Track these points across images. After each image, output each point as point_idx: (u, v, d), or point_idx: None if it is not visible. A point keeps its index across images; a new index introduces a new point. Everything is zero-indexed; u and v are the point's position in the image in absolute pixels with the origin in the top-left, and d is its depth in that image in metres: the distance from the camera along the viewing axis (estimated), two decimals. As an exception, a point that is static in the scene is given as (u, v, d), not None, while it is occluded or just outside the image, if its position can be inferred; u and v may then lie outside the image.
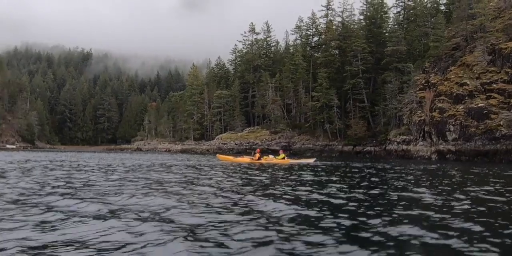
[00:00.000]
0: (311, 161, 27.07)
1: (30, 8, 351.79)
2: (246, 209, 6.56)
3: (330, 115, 62.64)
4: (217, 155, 31.40)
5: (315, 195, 8.46)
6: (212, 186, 10.03)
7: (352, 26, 66.72)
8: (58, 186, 9.54)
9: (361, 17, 67.68)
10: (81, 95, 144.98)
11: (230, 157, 28.61)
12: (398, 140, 50.41)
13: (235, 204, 7.08)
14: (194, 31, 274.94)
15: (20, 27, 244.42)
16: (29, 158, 28.55)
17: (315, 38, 75.37)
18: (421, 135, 45.68)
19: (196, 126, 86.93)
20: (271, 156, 26.44)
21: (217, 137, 78.04)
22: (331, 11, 70.34)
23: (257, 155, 25.62)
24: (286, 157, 26.25)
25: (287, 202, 7.16)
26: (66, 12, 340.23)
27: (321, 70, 64.24)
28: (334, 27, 68.83)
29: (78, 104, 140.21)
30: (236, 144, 71.55)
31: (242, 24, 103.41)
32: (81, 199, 7.28)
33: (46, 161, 23.88)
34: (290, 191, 9.22)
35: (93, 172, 14.99)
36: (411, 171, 19.40)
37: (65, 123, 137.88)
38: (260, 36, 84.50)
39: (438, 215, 6.08)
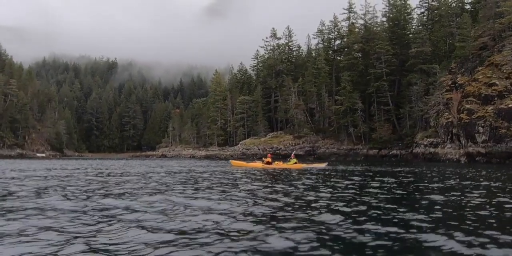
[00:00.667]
0: (323, 165, 27.16)
1: (59, 20, 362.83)
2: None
3: (354, 119, 61.99)
4: (231, 160, 31.60)
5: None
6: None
7: (375, 28, 65.97)
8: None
9: (384, 19, 66.96)
10: (107, 103, 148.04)
11: (243, 163, 28.89)
12: (425, 143, 49.39)
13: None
14: (215, 38, 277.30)
15: (48, 39, 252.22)
16: (88, 166, 29.06)
17: (337, 42, 74.98)
18: (449, 137, 44.63)
19: (219, 132, 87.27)
20: (281, 162, 26.83)
21: (240, 142, 78.10)
22: (353, 14, 69.86)
23: (269, 160, 25.85)
24: (297, 162, 26.41)
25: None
26: (92, 23, 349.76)
27: (344, 74, 63.72)
28: (356, 30, 68.22)
29: (104, 112, 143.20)
30: (260, 149, 71.42)
31: (263, 30, 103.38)
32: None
33: (102, 169, 23.98)
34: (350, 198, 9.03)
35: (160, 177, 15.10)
36: (449, 175, 18.81)
37: (92, 131, 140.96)
38: (282, 41, 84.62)
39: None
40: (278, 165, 25.76)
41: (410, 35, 63.54)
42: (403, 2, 64.21)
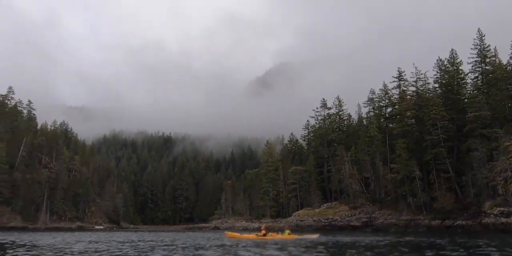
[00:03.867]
0: (315, 236, 28.62)
1: (119, 99, 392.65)
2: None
3: (413, 188, 59.27)
4: (226, 232, 32.52)
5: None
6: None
7: (427, 94, 65.47)
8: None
9: (436, 85, 66.51)
10: (161, 176, 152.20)
11: (238, 234, 30.13)
12: (495, 213, 45.83)
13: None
14: (265, 109, 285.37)
15: (109, 117, 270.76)
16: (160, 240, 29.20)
17: (389, 109, 74.68)
18: (522, 205, 41.23)
19: (272, 203, 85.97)
20: (276, 234, 28.81)
21: (294, 214, 76.13)
22: (403, 82, 70.17)
23: (263, 232, 27.13)
24: (290, 233, 28.47)
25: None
26: (150, 100, 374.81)
27: (398, 141, 62.41)
28: (408, 97, 68.00)
29: (158, 185, 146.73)
30: (315, 221, 69.09)
31: (311, 100, 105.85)
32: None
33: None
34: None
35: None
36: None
37: (146, 204, 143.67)
38: (332, 111, 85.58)
39: None
40: (272, 236, 27.31)
41: (466, 100, 62.24)
42: (456, 68, 63.96)
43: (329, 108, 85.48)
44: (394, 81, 71.21)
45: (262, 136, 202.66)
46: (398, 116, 69.64)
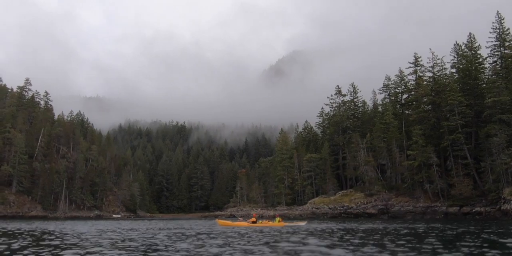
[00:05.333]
0: (303, 223, 30.34)
1: (134, 90, 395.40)
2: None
3: (430, 174, 58.69)
4: (217, 220, 33.62)
5: None
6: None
7: (444, 80, 64.24)
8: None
9: (453, 70, 65.24)
10: (176, 165, 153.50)
11: (230, 222, 31.27)
12: (515, 199, 45.10)
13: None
14: (278, 98, 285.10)
15: (124, 107, 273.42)
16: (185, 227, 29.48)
17: (405, 95, 73.63)
18: (543, 191, 40.51)
19: (287, 191, 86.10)
20: (266, 221, 30.40)
21: (309, 201, 76.19)
22: (419, 67, 68.95)
23: (253, 219, 29.09)
24: (281, 220, 30.00)
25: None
26: (164, 90, 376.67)
27: (415, 127, 61.65)
28: (424, 82, 66.88)
29: (174, 174, 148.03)
30: (330, 209, 69.06)
31: (324, 88, 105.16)
32: None
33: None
34: None
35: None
36: None
37: (162, 192, 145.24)
38: (347, 98, 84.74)
39: None
40: (263, 223, 28.87)
41: (484, 85, 60.95)
42: (474, 52, 62.52)
43: (344, 95, 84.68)
44: (410, 67, 70.06)
45: (275, 124, 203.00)
46: (414, 103, 68.63)
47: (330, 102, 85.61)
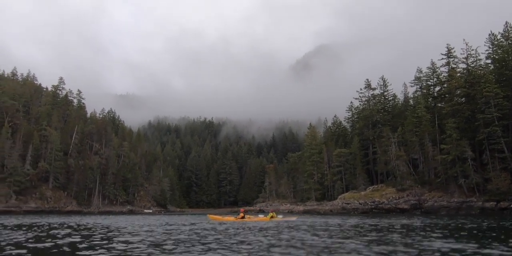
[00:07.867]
0: (294, 218, 30.83)
1: (163, 87, 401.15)
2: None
3: (464, 169, 57.03)
4: (208, 215, 35.09)
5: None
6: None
7: (479, 71, 62.12)
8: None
9: (489, 61, 62.96)
10: (205, 161, 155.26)
11: (219, 217, 32.15)
12: (556, 194, 43.31)
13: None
14: (306, 93, 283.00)
15: (153, 104, 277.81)
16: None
17: (437, 88, 71.68)
18: None
19: (316, 186, 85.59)
20: (253, 216, 30.46)
21: (339, 196, 75.49)
22: (452, 59, 66.90)
23: (241, 214, 29.21)
24: (274, 216, 29.42)
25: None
26: (192, 86, 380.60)
27: (448, 121, 59.96)
28: (458, 74, 64.88)
29: (202, 169, 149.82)
30: (361, 204, 68.24)
31: (353, 81, 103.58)
32: None
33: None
34: None
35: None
36: None
37: (191, 187, 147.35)
38: (377, 91, 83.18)
39: None
40: (250, 219, 29.03)
41: (522, 75, 58.62)
42: (510, 42, 60.20)
43: (374, 89, 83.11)
44: (443, 59, 68.01)
45: (303, 118, 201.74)
46: (447, 95, 66.68)
47: (360, 96, 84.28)
